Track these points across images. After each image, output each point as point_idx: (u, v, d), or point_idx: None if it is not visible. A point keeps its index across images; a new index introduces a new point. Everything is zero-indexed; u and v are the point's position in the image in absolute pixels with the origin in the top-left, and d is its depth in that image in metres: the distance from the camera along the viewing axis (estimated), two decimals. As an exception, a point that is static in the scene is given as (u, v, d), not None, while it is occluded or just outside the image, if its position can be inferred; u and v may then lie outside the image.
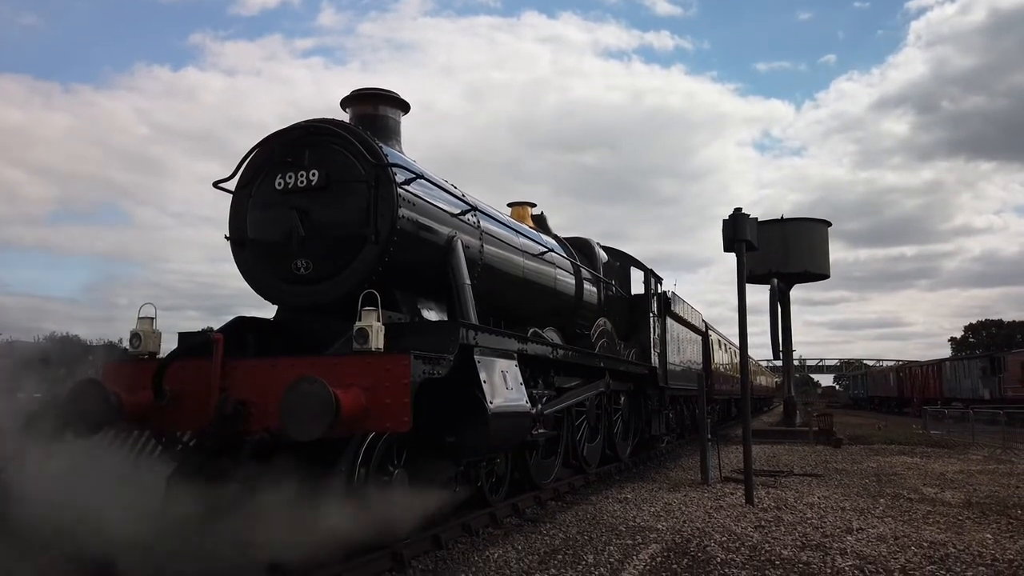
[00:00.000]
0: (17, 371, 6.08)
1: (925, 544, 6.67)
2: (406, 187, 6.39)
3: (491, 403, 5.86)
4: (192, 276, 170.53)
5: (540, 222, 11.39)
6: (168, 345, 6.17)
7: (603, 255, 12.69)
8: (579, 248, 11.87)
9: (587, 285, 11.27)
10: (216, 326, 6.41)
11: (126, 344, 5.99)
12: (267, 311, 6.94)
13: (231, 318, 6.51)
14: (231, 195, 6.63)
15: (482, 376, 5.93)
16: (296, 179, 6.22)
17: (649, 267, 14.14)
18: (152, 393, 5.31)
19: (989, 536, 7.11)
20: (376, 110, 7.02)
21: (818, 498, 9.42)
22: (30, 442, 5.29)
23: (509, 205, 11.08)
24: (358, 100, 7.05)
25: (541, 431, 7.84)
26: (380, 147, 6.37)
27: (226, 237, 6.60)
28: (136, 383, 5.41)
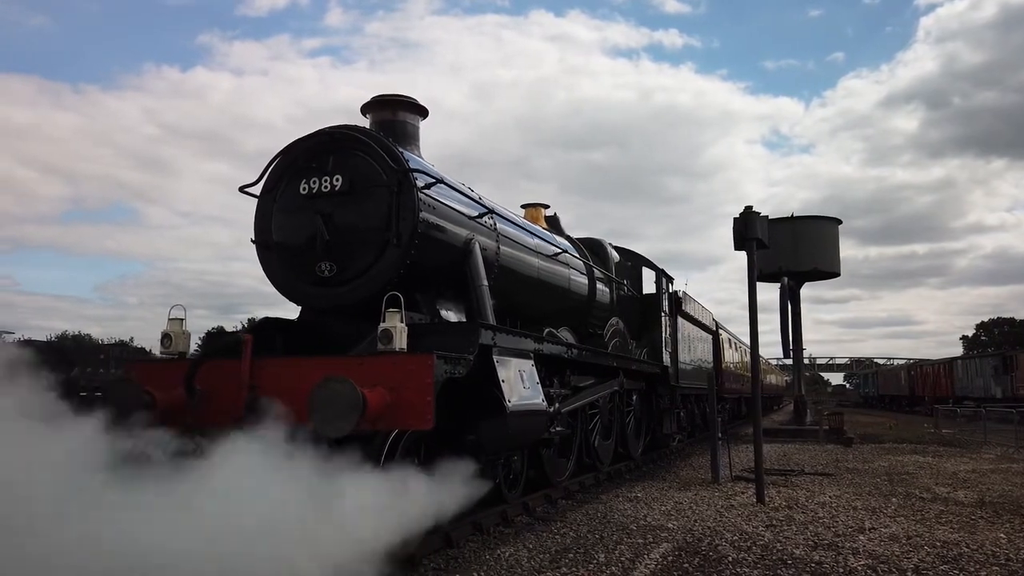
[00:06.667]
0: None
1: (938, 544, 6.69)
2: (426, 192, 6.53)
3: (509, 402, 5.99)
4: (201, 275, 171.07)
5: (553, 223, 11.51)
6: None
7: (615, 255, 12.81)
8: (592, 248, 11.97)
9: (600, 285, 11.39)
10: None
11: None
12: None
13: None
14: (256, 199, 6.79)
15: (500, 376, 6.07)
16: (320, 184, 6.37)
17: (660, 267, 14.24)
18: (184, 392, 5.48)
19: (1003, 535, 7.12)
20: (395, 116, 7.15)
21: (830, 497, 9.46)
22: None
23: (523, 207, 11.19)
24: (378, 106, 7.19)
25: (557, 429, 7.97)
26: (401, 153, 6.51)
27: (252, 240, 6.76)
28: (168, 382, 5.59)
